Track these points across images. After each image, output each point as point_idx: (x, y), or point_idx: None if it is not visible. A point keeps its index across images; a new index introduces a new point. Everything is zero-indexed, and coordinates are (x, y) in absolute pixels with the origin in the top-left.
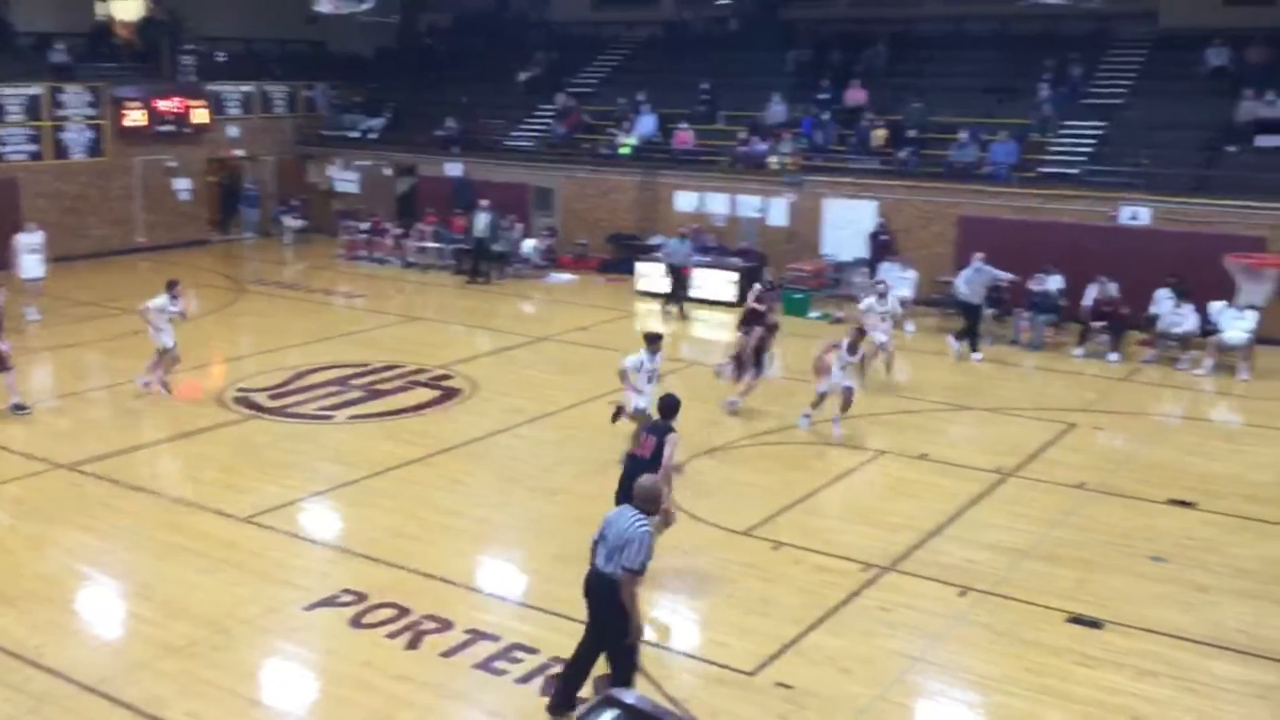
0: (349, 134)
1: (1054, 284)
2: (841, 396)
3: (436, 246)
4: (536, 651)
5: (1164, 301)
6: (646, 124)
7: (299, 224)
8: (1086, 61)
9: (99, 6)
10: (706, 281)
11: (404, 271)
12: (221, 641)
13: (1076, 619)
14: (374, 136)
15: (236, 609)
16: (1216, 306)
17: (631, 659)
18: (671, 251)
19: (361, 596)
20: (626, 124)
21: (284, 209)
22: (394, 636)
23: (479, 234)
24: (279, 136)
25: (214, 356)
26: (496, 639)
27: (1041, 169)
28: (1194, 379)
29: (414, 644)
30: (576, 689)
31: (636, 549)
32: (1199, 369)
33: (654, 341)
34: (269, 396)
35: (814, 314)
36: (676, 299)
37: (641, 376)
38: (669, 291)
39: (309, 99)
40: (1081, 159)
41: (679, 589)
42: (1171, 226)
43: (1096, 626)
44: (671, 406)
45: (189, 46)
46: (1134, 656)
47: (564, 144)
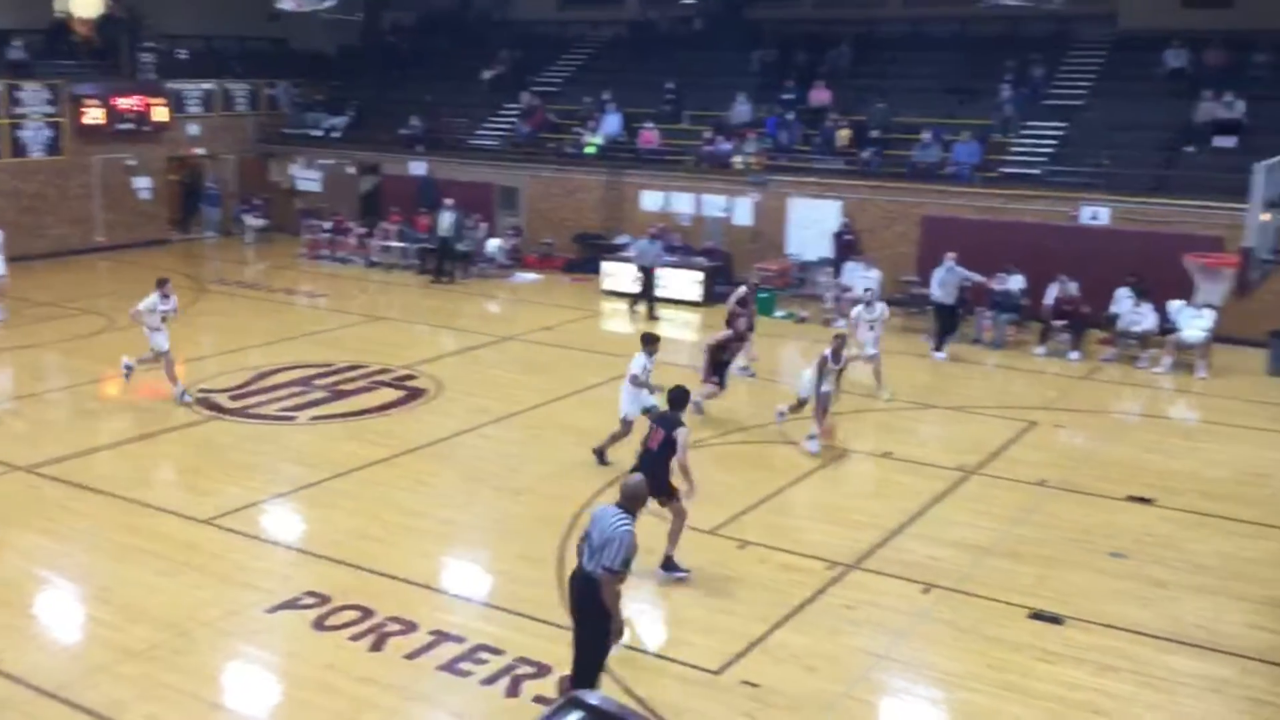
0: (311, 132)
1: (1016, 283)
2: (817, 405)
3: (400, 246)
4: (502, 653)
5: (1124, 300)
6: (611, 123)
7: (261, 223)
8: (1047, 63)
9: (57, 3)
10: (672, 281)
11: (367, 271)
12: (182, 645)
13: (1038, 615)
14: (337, 135)
15: (197, 612)
16: (1175, 305)
17: (600, 659)
18: (642, 252)
19: (324, 599)
20: (592, 123)
21: (246, 208)
22: (357, 639)
23: (443, 233)
24: (240, 135)
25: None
26: (461, 640)
27: (1003, 169)
28: (1153, 377)
29: (378, 646)
30: (595, 672)
31: (616, 549)
32: (1158, 367)
33: (652, 343)
34: (230, 397)
35: (779, 313)
36: (647, 299)
37: (644, 378)
38: (639, 292)
39: (271, 97)
40: (1042, 159)
41: (644, 588)
42: (1131, 226)
43: (1057, 622)
44: (681, 398)
45: (148, 44)
46: (1094, 652)
47: (529, 143)
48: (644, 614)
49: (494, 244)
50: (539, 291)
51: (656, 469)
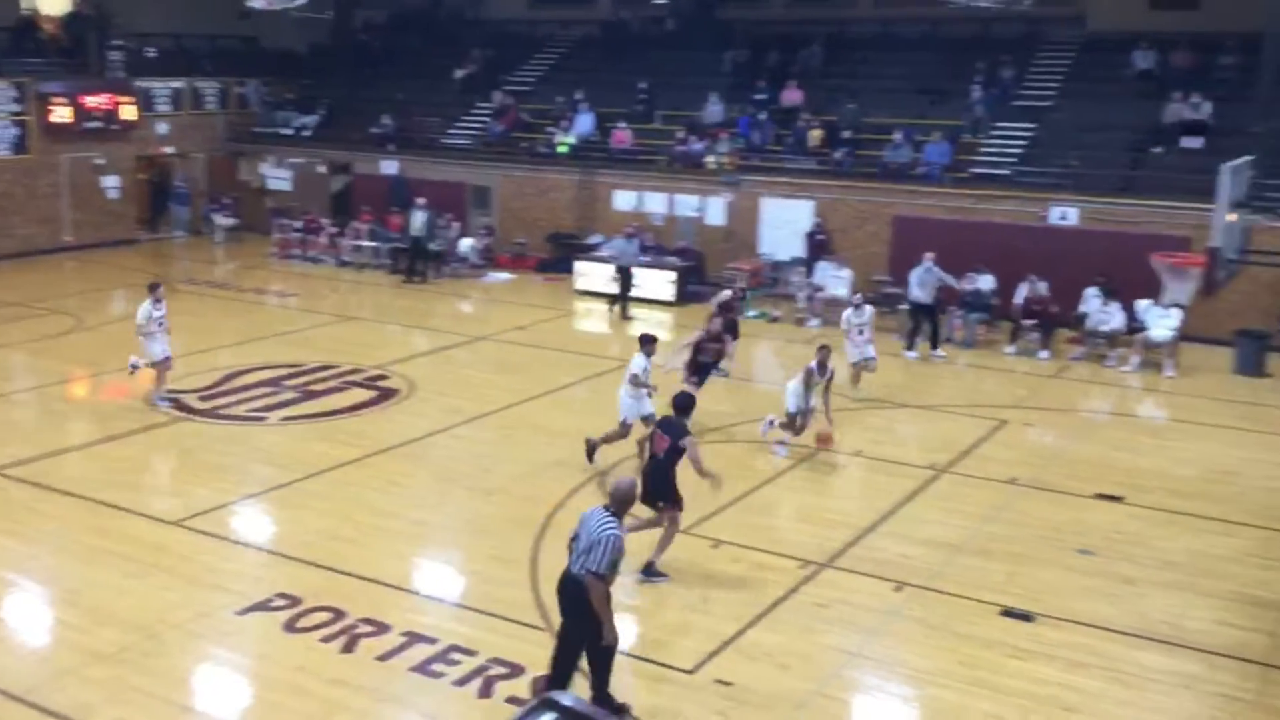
0: (282, 131)
1: (986, 283)
2: (800, 418)
3: (372, 245)
4: (474, 653)
5: (1092, 300)
6: (584, 123)
7: (230, 222)
8: (1017, 64)
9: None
10: (646, 281)
11: (338, 270)
12: (151, 648)
13: (1008, 612)
14: (308, 134)
15: (167, 614)
16: (1143, 305)
17: (605, 664)
18: (620, 251)
19: (295, 600)
20: (564, 123)
21: (215, 207)
22: (329, 640)
23: (415, 233)
24: (210, 133)
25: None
26: (434, 641)
27: (973, 170)
28: (1121, 376)
29: (349, 648)
30: (565, 684)
31: (602, 552)
32: (1126, 366)
33: (649, 343)
34: (200, 398)
35: (752, 313)
36: (624, 299)
37: (644, 378)
38: (619, 294)
39: (241, 95)
40: (1012, 160)
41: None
42: (1099, 226)
43: (1027, 619)
44: (685, 404)
45: (117, 41)
46: (1064, 648)
47: (501, 142)
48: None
49: (466, 243)
50: (512, 291)
51: (660, 475)
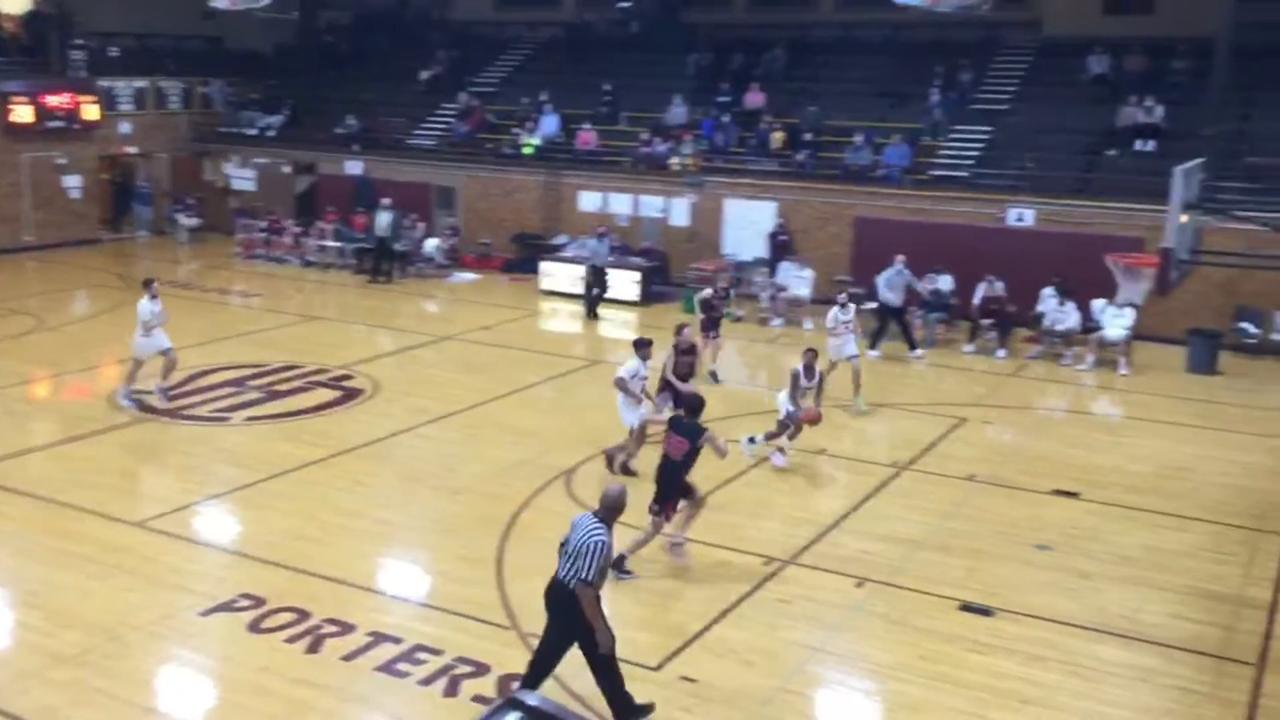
0: (246, 131)
1: (945, 283)
2: (793, 426)
3: (337, 245)
4: (440, 653)
5: (1048, 300)
6: (549, 124)
7: (194, 222)
8: (974, 68)
9: None
10: (612, 281)
11: (303, 271)
12: (114, 649)
13: (968, 607)
14: (272, 134)
15: (130, 616)
16: (1098, 304)
17: (614, 666)
18: (594, 252)
19: (260, 601)
20: (529, 124)
21: (179, 207)
22: (293, 641)
23: (380, 233)
24: (173, 133)
25: (105, 357)
26: (399, 641)
27: (932, 172)
28: (1077, 374)
29: (314, 648)
30: (537, 686)
31: (589, 560)
32: (1081, 365)
33: (644, 347)
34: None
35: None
36: (596, 298)
37: (636, 385)
38: (596, 293)
39: (205, 95)
40: (970, 162)
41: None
42: (1055, 228)
43: (987, 614)
44: (697, 405)
45: (79, 40)
46: (1023, 642)
47: (466, 143)
48: None
49: (432, 244)
50: (477, 291)
51: (676, 477)
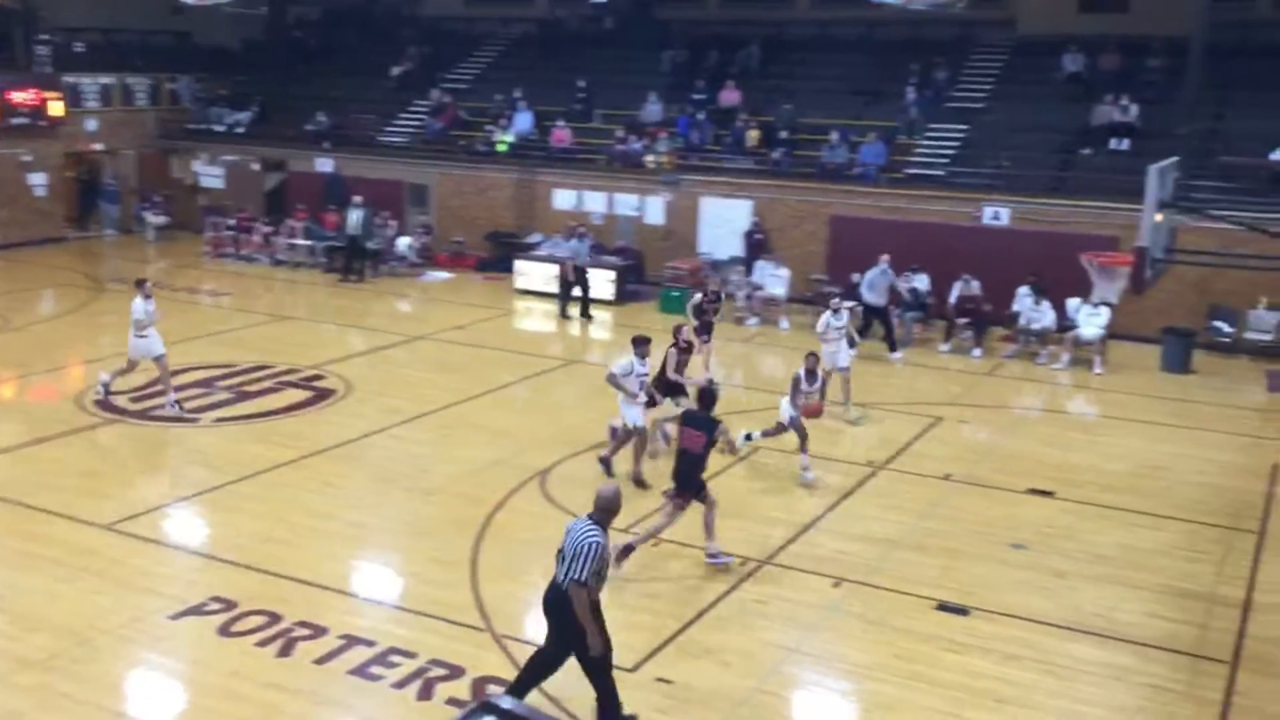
0: (215, 128)
1: (921, 282)
2: (797, 431)
3: (307, 244)
4: (414, 655)
5: (1024, 299)
6: (523, 121)
7: (162, 220)
8: (950, 66)
9: None
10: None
11: (273, 269)
12: (82, 654)
13: (944, 606)
14: (241, 130)
15: (98, 619)
16: (1073, 303)
17: (607, 670)
18: (575, 252)
19: (230, 604)
20: (503, 121)
21: (146, 205)
22: (265, 644)
23: (352, 231)
24: (140, 130)
25: (72, 358)
26: (372, 644)
27: (908, 170)
28: (1052, 373)
29: (286, 651)
30: (523, 694)
31: (583, 561)
32: (1057, 363)
33: (642, 344)
34: (131, 399)
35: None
36: (583, 299)
37: (633, 383)
38: (581, 295)
39: (173, 92)
40: (945, 160)
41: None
42: (1030, 226)
43: (963, 613)
44: (711, 398)
45: (44, 36)
46: (998, 641)
47: (439, 140)
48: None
49: (404, 242)
50: (450, 290)
51: (696, 470)
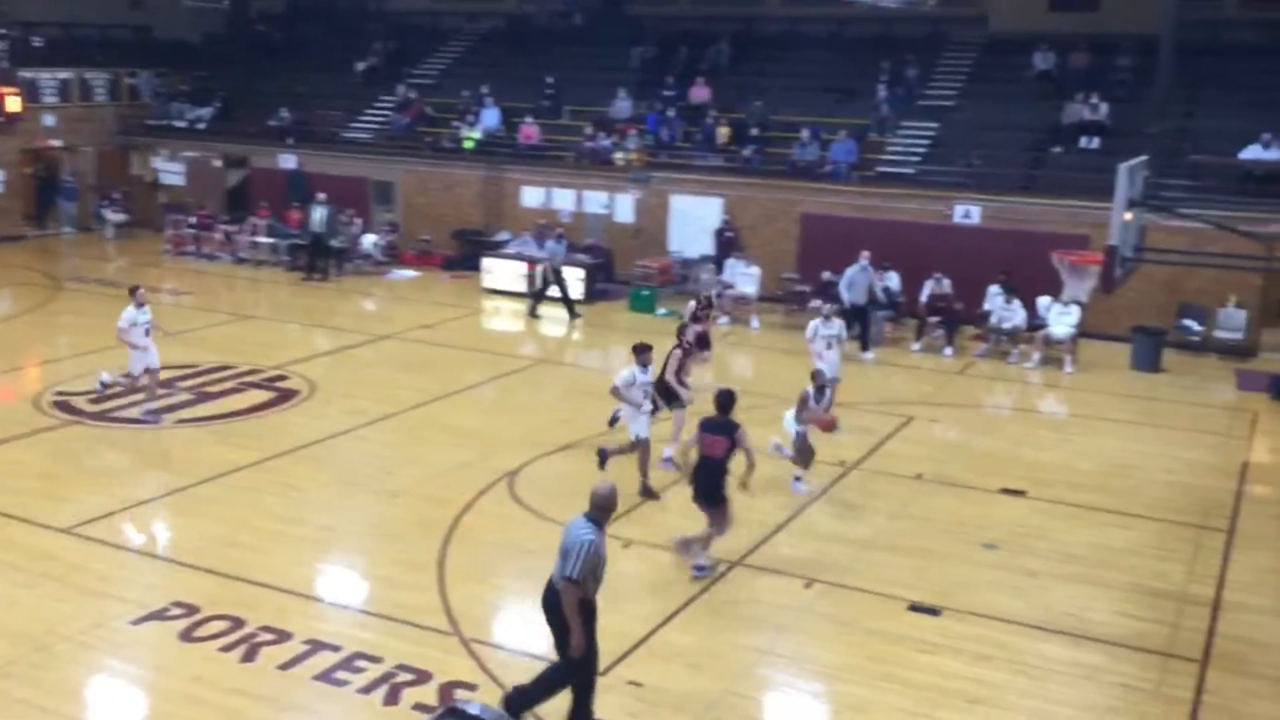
0: (176, 123)
1: (892, 281)
2: (796, 445)
3: (270, 242)
4: (380, 660)
5: (995, 297)
6: (490, 117)
7: (121, 218)
8: (921, 64)
9: None
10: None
11: (235, 268)
12: (41, 660)
13: (916, 606)
14: (202, 126)
15: (57, 625)
16: (1043, 302)
17: (573, 673)
18: (552, 253)
19: (192, 609)
20: (470, 117)
21: (105, 202)
22: (228, 650)
23: (316, 229)
24: (100, 126)
25: (30, 359)
26: (337, 649)
27: (879, 168)
28: (1023, 372)
29: (249, 657)
30: (585, 707)
31: (576, 558)
32: (1028, 362)
33: (644, 353)
34: (90, 400)
35: (662, 311)
36: (565, 300)
37: (637, 393)
38: (562, 295)
39: (133, 87)
40: (916, 158)
41: (525, 589)
42: (1001, 225)
43: (934, 613)
44: (728, 401)
45: (1, 31)
46: (970, 641)
47: (405, 137)
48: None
49: (369, 240)
50: (417, 289)
51: (716, 477)
